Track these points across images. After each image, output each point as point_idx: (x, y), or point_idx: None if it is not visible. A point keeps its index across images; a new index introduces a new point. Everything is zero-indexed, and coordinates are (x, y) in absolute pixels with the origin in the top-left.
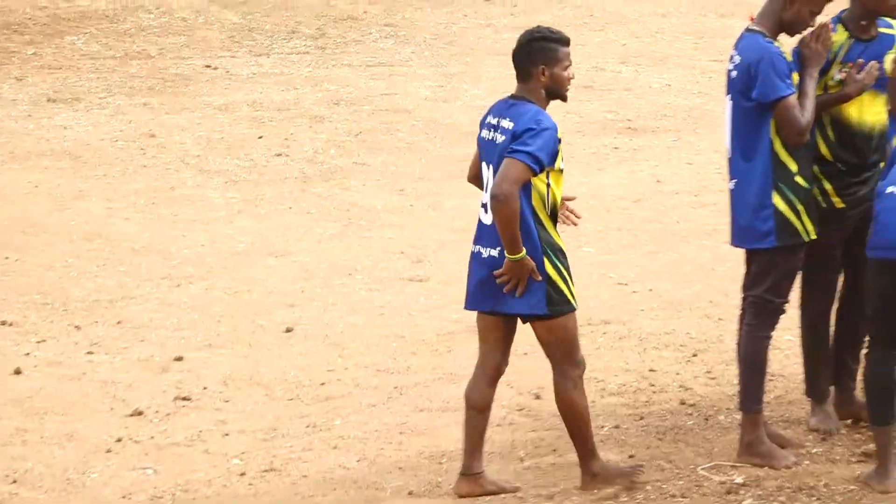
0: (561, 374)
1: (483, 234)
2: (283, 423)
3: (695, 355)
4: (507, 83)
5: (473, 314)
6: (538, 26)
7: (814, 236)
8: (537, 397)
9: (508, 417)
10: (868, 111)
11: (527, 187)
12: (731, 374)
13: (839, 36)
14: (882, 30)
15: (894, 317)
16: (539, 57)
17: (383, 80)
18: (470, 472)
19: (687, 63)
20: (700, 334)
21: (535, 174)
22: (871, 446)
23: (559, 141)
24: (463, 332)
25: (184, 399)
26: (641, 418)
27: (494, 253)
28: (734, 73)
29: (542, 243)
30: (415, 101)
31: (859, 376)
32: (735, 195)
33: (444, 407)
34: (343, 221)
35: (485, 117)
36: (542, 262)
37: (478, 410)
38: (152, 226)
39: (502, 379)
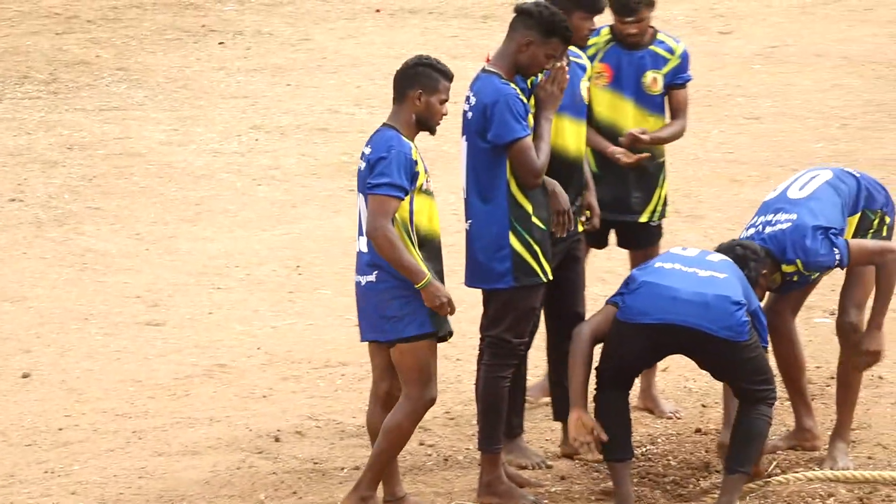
0: (408, 399)
1: (359, 263)
2: (21, 469)
3: None
4: (240, 126)
5: (211, 357)
6: (427, 55)
7: (550, 277)
8: (276, 440)
9: (248, 460)
10: (565, 137)
11: None
12: (469, 415)
13: None
14: (572, 59)
15: (625, 367)
16: (419, 81)
17: (117, 124)
18: (394, 498)
19: None
20: (438, 375)
21: (402, 200)
22: (610, 484)
23: (416, 162)
24: (200, 375)
25: None
26: None
27: (371, 278)
28: (470, 115)
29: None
30: (148, 145)
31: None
32: (471, 236)
33: (182, 451)
34: (78, 266)
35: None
36: (410, 285)
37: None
38: None
39: (239, 422)
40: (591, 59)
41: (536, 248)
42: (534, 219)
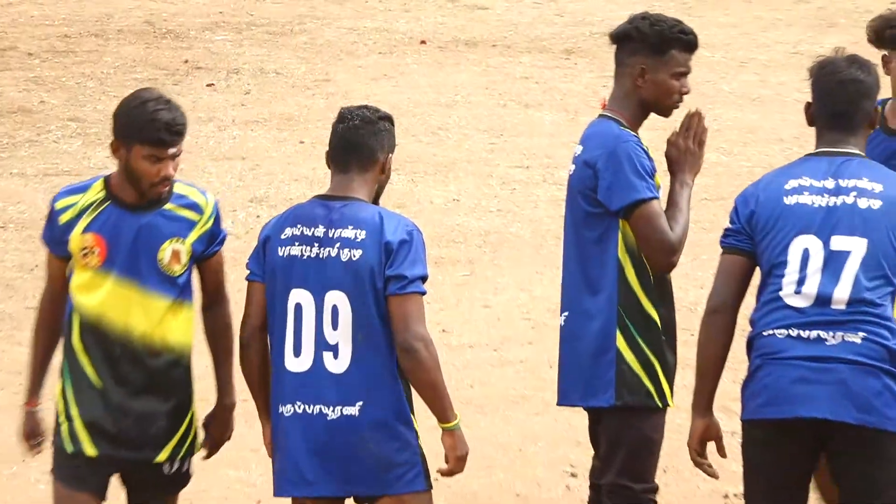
0: None
1: (322, 389)
2: None
3: None
4: (236, 198)
5: None
6: (373, 107)
7: (671, 403)
8: None
9: None
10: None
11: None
12: None
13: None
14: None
15: (774, 490)
16: (386, 139)
17: None
18: None
19: (481, 170)
20: None
21: None
22: None
23: None
24: None
25: None
26: None
27: (353, 411)
28: (573, 169)
29: (407, 399)
30: None
31: None
32: (565, 333)
33: None
34: (14, 388)
35: (277, 229)
36: (410, 420)
37: None
38: None
39: None
40: (73, 223)
41: (652, 358)
42: (652, 313)
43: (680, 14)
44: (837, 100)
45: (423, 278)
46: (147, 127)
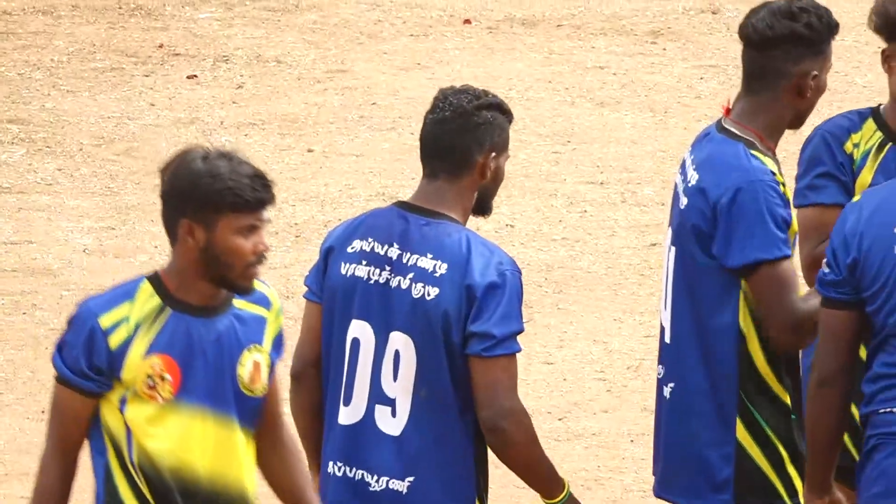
0: None
1: (370, 451)
2: None
3: None
4: None
5: None
6: (475, 90)
7: (802, 501)
8: None
9: None
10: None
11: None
12: None
13: None
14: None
15: None
16: (487, 134)
17: (9, 218)
18: None
19: (542, 186)
20: None
21: None
22: None
23: None
24: None
25: None
26: None
27: (399, 487)
28: (685, 202)
29: (477, 478)
30: (65, 257)
31: None
32: (670, 408)
33: None
34: None
35: (343, 240)
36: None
37: None
38: None
39: None
40: (128, 344)
41: (781, 449)
42: (781, 394)
43: None
44: None
45: (517, 332)
46: (235, 187)
